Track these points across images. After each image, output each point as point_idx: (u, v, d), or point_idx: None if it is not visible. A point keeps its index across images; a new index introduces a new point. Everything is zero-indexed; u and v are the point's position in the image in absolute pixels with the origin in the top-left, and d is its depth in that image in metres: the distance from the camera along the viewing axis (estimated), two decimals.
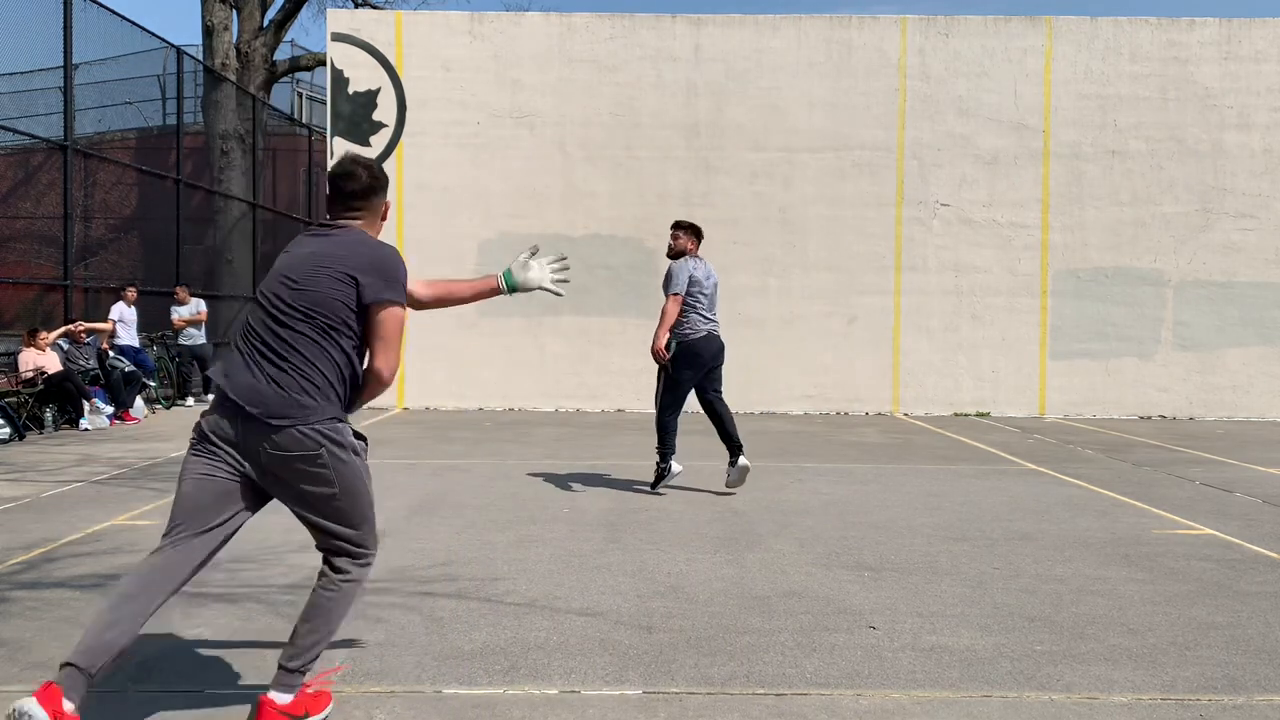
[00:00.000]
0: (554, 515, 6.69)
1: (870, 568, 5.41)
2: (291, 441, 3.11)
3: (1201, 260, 14.14)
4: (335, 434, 3.18)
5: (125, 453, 9.44)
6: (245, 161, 18.58)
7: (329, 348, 3.16)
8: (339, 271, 3.17)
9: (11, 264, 14.59)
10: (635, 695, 3.57)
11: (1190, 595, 4.93)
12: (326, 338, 3.15)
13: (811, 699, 3.56)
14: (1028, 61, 14.16)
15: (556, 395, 13.95)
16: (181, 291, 14.71)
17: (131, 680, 3.65)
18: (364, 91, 14.13)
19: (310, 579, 4.99)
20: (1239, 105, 14.10)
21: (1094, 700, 3.57)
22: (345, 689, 3.59)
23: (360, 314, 3.18)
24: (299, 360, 3.13)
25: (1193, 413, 14.13)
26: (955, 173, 14.18)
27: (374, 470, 3.39)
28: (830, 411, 14.18)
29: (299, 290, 3.17)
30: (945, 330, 14.21)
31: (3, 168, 16.00)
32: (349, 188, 3.34)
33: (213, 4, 19.10)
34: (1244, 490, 8.06)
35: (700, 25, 14.23)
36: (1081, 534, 6.31)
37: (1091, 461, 9.66)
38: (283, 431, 3.10)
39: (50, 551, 5.55)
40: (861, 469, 9.00)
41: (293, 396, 3.10)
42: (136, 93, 16.73)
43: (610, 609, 4.58)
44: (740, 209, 14.21)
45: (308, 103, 26.33)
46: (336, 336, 3.16)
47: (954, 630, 4.33)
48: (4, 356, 12.12)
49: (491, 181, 14.20)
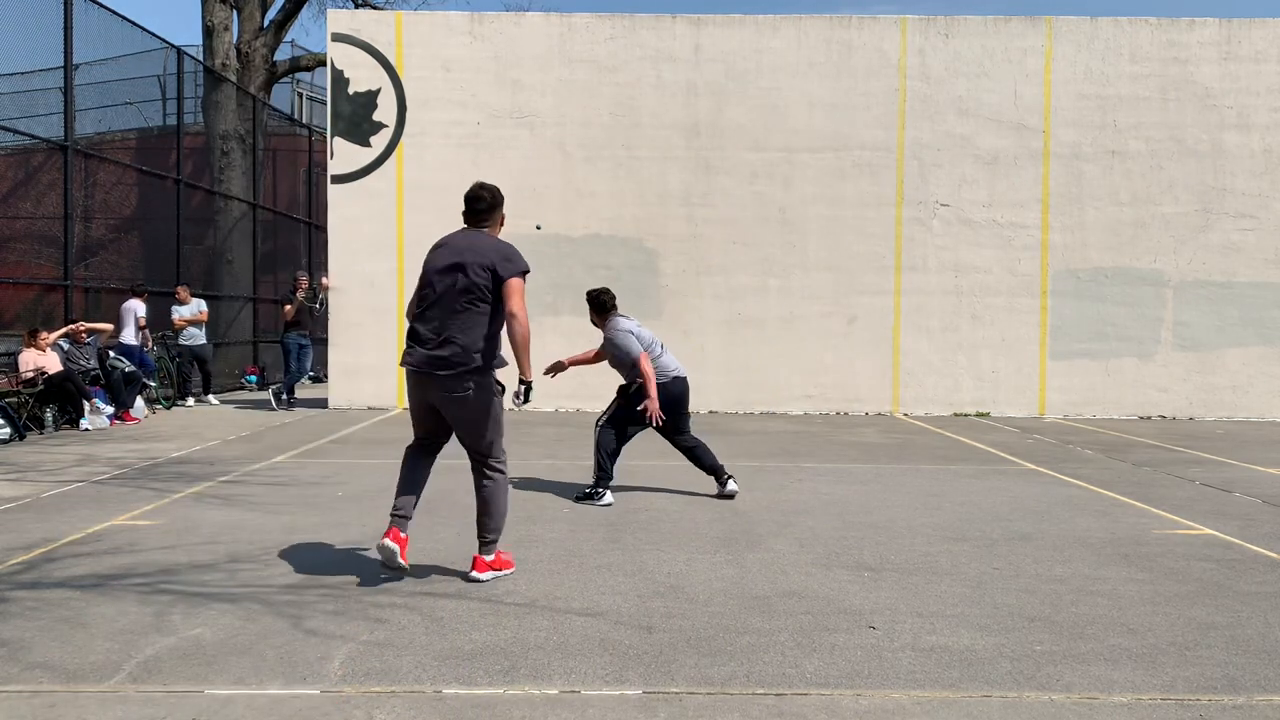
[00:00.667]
0: (554, 515, 6.69)
1: (870, 568, 5.41)
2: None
3: (1201, 260, 14.14)
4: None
5: (125, 453, 9.44)
6: (245, 162, 18.58)
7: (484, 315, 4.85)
8: (482, 263, 4.83)
9: (12, 264, 14.60)
10: (635, 695, 3.58)
11: (1190, 595, 4.93)
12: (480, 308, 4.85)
13: (811, 699, 3.56)
14: (1028, 61, 14.16)
15: (556, 395, 13.95)
16: (182, 291, 14.73)
17: (131, 680, 3.65)
18: (364, 92, 14.14)
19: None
20: (1239, 105, 14.10)
21: (1094, 700, 3.57)
22: (345, 689, 3.60)
23: (496, 287, 4.83)
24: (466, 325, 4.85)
25: (1192, 413, 14.13)
26: (955, 173, 14.18)
27: (374, 470, 3.43)
28: (830, 411, 14.19)
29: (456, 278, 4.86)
30: (945, 330, 14.22)
31: (3, 168, 16.01)
32: (479, 206, 5.07)
33: (213, 4, 19.11)
34: (1244, 490, 8.06)
35: (700, 25, 14.24)
36: (1081, 534, 6.31)
37: (1091, 462, 9.66)
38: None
39: (50, 551, 5.55)
40: (861, 469, 9.00)
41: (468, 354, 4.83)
42: (137, 93, 16.72)
43: (610, 609, 4.58)
44: (740, 209, 14.22)
45: (308, 103, 26.33)
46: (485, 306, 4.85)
47: (954, 630, 4.33)
48: (4, 356, 12.13)
49: (491, 181, 14.18)
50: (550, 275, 14.13)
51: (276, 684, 3.63)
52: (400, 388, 14.14)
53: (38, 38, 12.23)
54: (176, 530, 6.11)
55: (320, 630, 4.21)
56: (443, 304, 4.83)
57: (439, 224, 14.17)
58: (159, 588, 4.83)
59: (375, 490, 7.57)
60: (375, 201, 14.14)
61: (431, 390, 4.86)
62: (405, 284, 14.18)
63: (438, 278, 4.86)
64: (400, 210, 14.15)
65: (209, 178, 18.24)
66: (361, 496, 7.31)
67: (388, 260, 14.16)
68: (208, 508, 6.82)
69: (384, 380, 14.14)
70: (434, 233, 15.09)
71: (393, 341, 14.18)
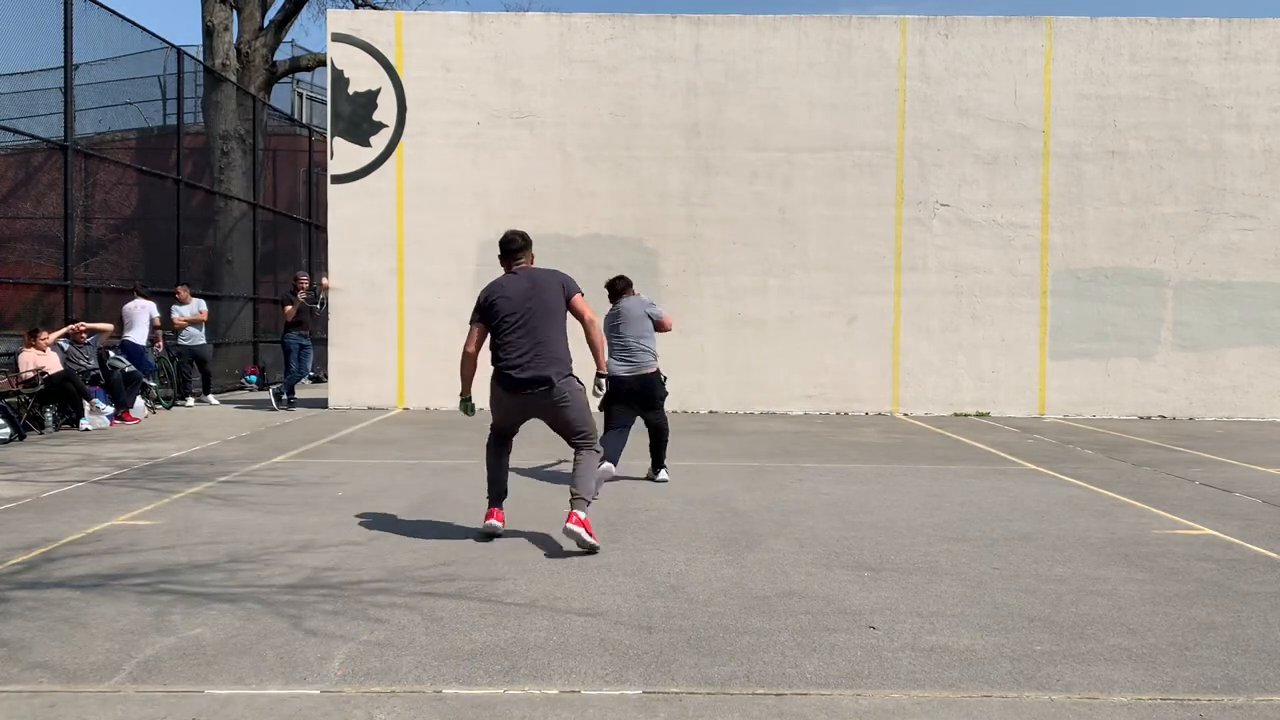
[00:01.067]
0: (554, 515, 6.69)
1: (870, 568, 5.41)
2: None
3: (1201, 260, 14.14)
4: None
5: (125, 453, 9.44)
6: (245, 162, 18.58)
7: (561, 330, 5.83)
8: (552, 289, 5.84)
9: (12, 264, 14.59)
10: (635, 695, 3.58)
11: (1190, 595, 4.93)
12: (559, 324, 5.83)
13: (811, 699, 3.56)
14: (1028, 61, 14.16)
15: None
16: (183, 291, 14.73)
17: (131, 680, 3.65)
18: (364, 92, 14.14)
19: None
20: (1239, 105, 14.10)
21: (1094, 700, 3.57)
22: (345, 689, 3.60)
23: (566, 305, 5.83)
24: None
25: (1192, 413, 14.13)
26: (955, 173, 14.18)
27: (374, 471, 3.45)
28: (830, 411, 14.19)
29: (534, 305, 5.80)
30: (945, 330, 14.22)
31: (3, 168, 16.00)
32: (513, 248, 5.98)
33: (213, 4, 19.11)
34: (1244, 490, 8.06)
35: (700, 25, 14.24)
36: (1081, 534, 6.31)
37: (1091, 461, 9.66)
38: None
39: (50, 551, 5.56)
40: (861, 469, 9.00)
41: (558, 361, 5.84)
42: (136, 93, 16.71)
43: (610, 609, 4.58)
44: (740, 209, 14.22)
45: (308, 103, 26.33)
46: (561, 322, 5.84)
47: (954, 630, 4.33)
48: (4, 356, 12.13)
49: (491, 181, 14.21)
50: None
51: (276, 684, 3.63)
52: (400, 388, 14.15)
53: (38, 38, 12.23)
54: (176, 530, 6.11)
55: (320, 630, 4.21)
56: (528, 329, 5.73)
57: (439, 224, 14.30)
58: (159, 588, 4.83)
59: (375, 490, 7.57)
60: (375, 201, 14.14)
61: (533, 405, 5.80)
62: (405, 284, 14.18)
63: (517, 308, 5.76)
64: (400, 210, 14.15)
65: (209, 178, 18.24)
66: (361, 496, 7.31)
67: (388, 260, 14.16)
68: (208, 508, 6.82)
69: (384, 380, 14.14)
70: (434, 232, 15.08)
71: (393, 342, 14.19)
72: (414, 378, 14.14)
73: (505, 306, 5.79)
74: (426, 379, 14.10)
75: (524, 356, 5.72)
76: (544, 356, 5.72)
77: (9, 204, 15.59)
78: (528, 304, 5.75)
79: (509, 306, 5.78)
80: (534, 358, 5.71)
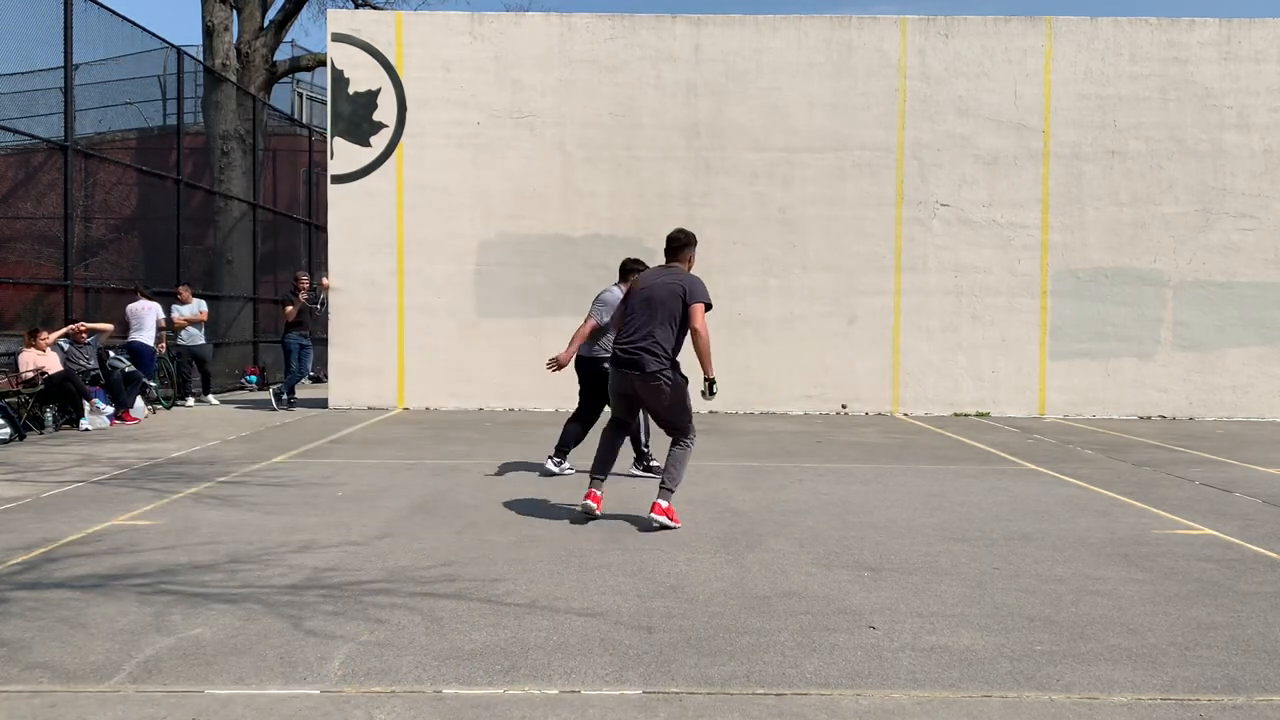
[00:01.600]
0: (555, 515, 6.69)
1: (870, 568, 5.41)
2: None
3: (1201, 260, 14.14)
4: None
5: (125, 453, 9.44)
6: (245, 162, 18.58)
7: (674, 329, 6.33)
8: (675, 290, 6.30)
9: (12, 264, 14.59)
10: (635, 695, 3.57)
11: (1190, 595, 4.93)
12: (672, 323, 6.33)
13: (811, 699, 3.56)
14: (1028, 61, 14.16)
15: (556, 395, 13.94)
16: (184, 291, 14.73)
17: (131, 680, 3.65)
18: (364, 92, 14.14)
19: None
20: (1239, 105, 14.10)
21: (1094, 700, 3.57)
22: (345, 689, 3.60)
23: (684, 309, 6.28)
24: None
25: (1192, 413, 14.13)
26: (955, 173, 14.18)
27: (374, 471, 3.46)
28: (830, 411, 14.18)
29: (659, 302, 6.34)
30: (945, 330, 14.22)
31: (3, 168, 16.01)
32: (674, 245, 6.52)
33: (213, 4, 19.11)
34: (1244, 490, 8.06)
35: (700, 25, 14.24)
36: (1081, 534, 6.32)
37: (1091, 461, 9.66)
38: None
39: (50, 551, 5.55)
40: (861, 469, 9.00)
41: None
42: (137, 93, 16.71)
43: (610, 609, 4.58)
44: (740, 209, 14.22)
45: (308, 103, 26.33)
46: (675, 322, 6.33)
47: (954, 630, 4.33)
48: (4, 356, 12.12)
49: (491, 181, 14.21)
50: (550, 275, 14.15)
51: (276, 684, 3.63)
52: (400, 388, 14.16)
53: (37, 37, 12.23)
54: (176, 530, 6.11)
55: (320, 630, 4.21)
56: (646, 317, 6.27)
57: (439, 224, 14.30)
58: (159, 588, 4.83)
59: (375, 490, 7.57)
60: (375, 201, 14.14)
61: (627, 385, 6.33)
62: (405, 284, 14.19)
63: (642, 298, 6.34)
64: (400, 210, 14.15)
65: (209, 178, 18.24)
66: (361, 496, 7.31)
67: (388, 260, 14.16)
68: (208, 508, 6.82)
69: (384, 380, 14.14)
70: (434, 233, 15.12)
71: (393, 342, 14.19)
72: (414, 378, 14.14)
73: (633, 296, 6.45)
74: (426, 379, 14.10)
75: (633, 340, 6.28)
76: (652, 346, 6.22)
77: (9, 204, 15.59)
78: (653, 296, 6.32)
79: (636, 297, 6.41)
80: (645, 346, 6.24)
